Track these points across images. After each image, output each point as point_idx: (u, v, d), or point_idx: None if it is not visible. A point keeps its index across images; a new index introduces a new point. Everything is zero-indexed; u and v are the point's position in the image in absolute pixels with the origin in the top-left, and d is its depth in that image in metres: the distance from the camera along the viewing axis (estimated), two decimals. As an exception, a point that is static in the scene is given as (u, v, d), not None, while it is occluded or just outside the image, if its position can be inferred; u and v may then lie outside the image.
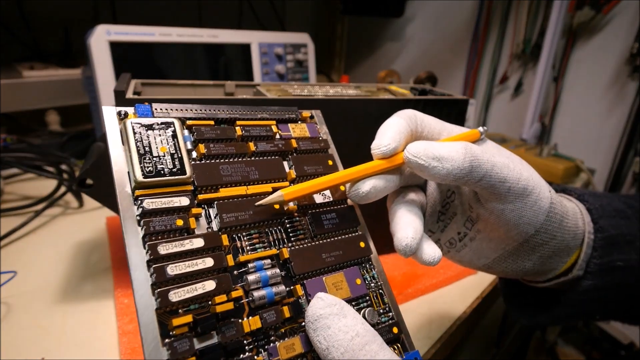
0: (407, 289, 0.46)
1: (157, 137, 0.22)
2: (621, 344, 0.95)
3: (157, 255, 0.19)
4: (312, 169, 0.26)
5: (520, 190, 0.25)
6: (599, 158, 0.94)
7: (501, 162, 0.24)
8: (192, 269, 0.19)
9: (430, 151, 0.23)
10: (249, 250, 0.22)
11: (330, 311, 0.19)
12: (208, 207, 0.22)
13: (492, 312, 0.61)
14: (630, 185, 0.90)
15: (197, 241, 0.20)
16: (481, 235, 0.28)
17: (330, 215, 0.25)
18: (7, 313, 0.41)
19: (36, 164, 0.66)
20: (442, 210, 0.30)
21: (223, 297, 0.19)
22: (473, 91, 1.12)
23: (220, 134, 0.24)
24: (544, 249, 0.27)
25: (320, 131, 0.28)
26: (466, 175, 0.23)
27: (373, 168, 0.25)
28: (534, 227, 0.26)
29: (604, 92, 0.91)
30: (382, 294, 0.24)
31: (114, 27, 0.65)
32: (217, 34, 0.76)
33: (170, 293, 0.18)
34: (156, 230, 0.19)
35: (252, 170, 0.24)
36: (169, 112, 0.24)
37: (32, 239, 0.54)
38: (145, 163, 0.21)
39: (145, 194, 0.20)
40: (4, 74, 0.76)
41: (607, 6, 0.85)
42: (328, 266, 0.23)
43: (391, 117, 0.26)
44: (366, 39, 1.34)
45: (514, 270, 0.29)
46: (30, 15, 0.88)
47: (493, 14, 1.04)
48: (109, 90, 0.65)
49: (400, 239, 0.24)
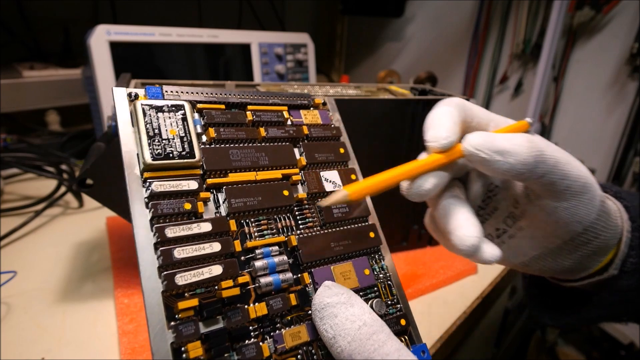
0: (407, 289, 0.46)
1: (167, 120, 0.22)
2: (621, 344, 0.95)
3: (164, 238, 0.19)
4: (324, 156, 0.25)
5: (579, 187, 0.23)
6: (599, 158, 0.94)
7: (564, 157, 0.23)
8: (199, 253, 0.19)
9: (493, 144, 0.22)
10: (257, 237, 0.22)
11: (337, 300, 0.19)
12: (216, 192, 0.22)
13: (492, 312, 0.61)
14: (630, 185, 0.90)
15: (205, 225, 0.20)
16: (523, 233, 0.27)
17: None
18: (7, 313, 0.41)
19: (36, 164, 0.66)
20: (482, 205, 0.28)
21: (229, 283, 0.19)
22: (473, 91, 1.12)
23: (230, 118, 0.24)
24: (586, 248, 0.26)
25: (333, 118, 0.28)
26: (529, 171, 0.22)
27: (432, 163, 0.23)
28: (583, 225, 0.24)
29: (604, 92, 0.91)
30: (390, 285, 0.24)
31: (114, 27, 0.65)
32: (217, 34, 0.76)
33: (176, 276, 0.18)
34: (164, 213, 0.19)
35: (262, 155, 0.23)
36: (180, 95, 0.23)
37: (32, 239, 0.54)
38: (154, 145, 0.21)
39: (154, 176, 0.20)
40: (4, 74, 0.76)
41: (607, 6, 0.85)
42: (336, 255, 0.23)
43: (440, 106, 0.24)
44: (366, 39, 1.33)
45: (552, 269, 0.28)
46: (30, 15, 0.88)
47: (493, 14, 1.04)
48: (109, 90, 0.65)
49: (463, 238, 0.22)
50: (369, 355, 0.18)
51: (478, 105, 0.26)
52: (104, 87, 0.65)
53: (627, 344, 0.94)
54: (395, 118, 0.46)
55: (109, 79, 0.65)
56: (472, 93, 1.12)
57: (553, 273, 0.29)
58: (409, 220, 0.52)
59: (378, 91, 0.51)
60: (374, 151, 0.46)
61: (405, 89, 0.52)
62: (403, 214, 0.51)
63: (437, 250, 0.54)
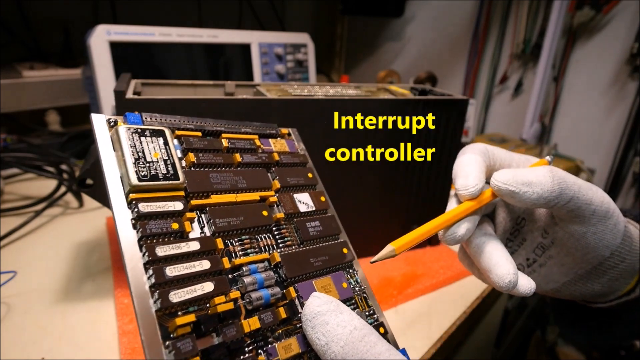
0: (407, 289, 0.46)
1: (150, 144, 0.22)
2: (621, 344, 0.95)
3: (155, 257, 0.19)
4: (295, 179, 0.27)
5: (604, 212, 0.25)
6: (599, 158, 0.94)
7: (585, 184, 0.25)
8: (190, 271, 0.19)
9: (519, 177, 0.24)
10: (241, 255, 0.22)
11: (327, 308, 0.20)
12: (200, 213, 0.22)
13: (492, 312, 0.61)
14: (630, 185, 0.90)
15: (193, 244, 0.20)
16: (553, 261, 0.29)
17: (314, 223, 0.26)
18: (7, 313, 0.41)
19: (36, 164, 0.66)
20: (510, 237, 0.30)
21: (222, 298, 0.20)
22: (473, 91, 1.12)
23: (207, 144, 0.25)
24: (614, 272, 0.27)
25: (298, 147, 0.30)
26: (556, 197, 0.24)
27: (466, 211, 0.25)
28: (610, 249, 0.26)
29: (604, 92, 0.91)
30: (365, 297, 0.25)
31: (114, 27, 0.65)
32: (217, 34, 0.76)
33: (170, 294, 0.18)
34: (152, 232, 0.20)
35: (240, 179, 0.25)
36: (160, 122, 0.25)
37: (32, 239, 0.54)
38: (139, 167, 0.21)
39: (140, 197, 0.20)
40: (4, 74, 0.76)
41: (607, 6, 0.85)
42: (316, 270, 0.24)
43: (465, 154, 0.27)
44: (366, 39, 1.33)
45: (582, 294, 0.29)
46: (30, 15, 0.88)
47: (493, 14, 1.04)
48: (109, 90, 0.65)
49: (502, 276, 0.24)
50: (362, 356, 0.18)
51: (498, 147, 0.29)
52: (104, 87, 0.65)
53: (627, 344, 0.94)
54: (395, 118, 0.46)
55: (109, 79, 0.65)
56: (472, 93, 1.12)
57: (584, 297, 0.30)
58: (409, 220, 0.52)
59: (378, 91, 0.51)
60: (373, 151, 0.46)
61: (405, 89, 0.52)
62: (403, 214, 0.51)
63: (437, 250, 0.54)
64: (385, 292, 0.45)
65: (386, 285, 0.47)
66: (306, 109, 0.42)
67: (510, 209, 0.30)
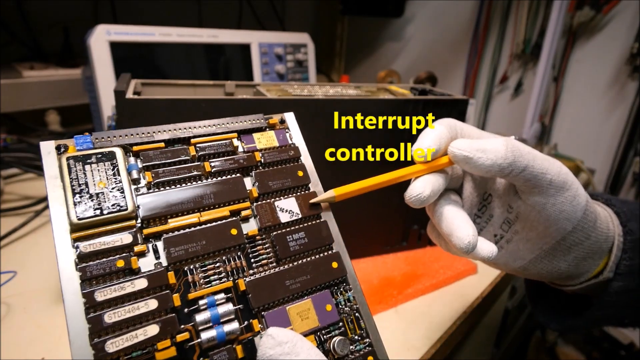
0: (407, 289, 0.46)
1: (95, 172, 0.21)
2: (621, 344, 0.95)
3: (93, 302, 0.18)
4: (279, 183, 0.24)
5: (561, 183, 0.25)
6: (599, 158, 0.94)
7: (541, 155, 0.25)
8: (132, 314, 0.18)
9: (474, 145, 0.25)
10: (203, 284, 0.20)
11: (281, 351, 0.18)
12: (156, 241, 0.20)
13: (492, 312, 0.61)
14: (630, 185, 0.90)
15: (140, 282, 0.19)
16: (518, 237, 0.29)
17: (298, 235, 0.23)
18: (7, 313, 0.41)
19: (36, 164, 0.66)
20: (478, 213, 0.31)
21: (167, 342, 0.18)
22: (473, 91, 1.11)
23: (171, 156, 0.22)
24: (579, 249, 0.28)
25: (293, 137, 0.26)
26: (510, 165, 0.24)
27: (416, 172, 0.26)
28: (572, 223, 0.26)
29: (604, 92, 0.91)
30: (358, 318, 0.22)
31: (114, 27, 0.65)
32: (217, 34, 0.76)
33: (107, 343, 0.17)
34: (93, 274, 0.18)
35: (207, 193, 0.22)
36: (112, 141, 0.22)
37: (32, 239, 0.54)
38: (81, 202, 0.19)
39: (82, 236, 0.19)
40: (4, 74, 0.76)
41: (607, 6, 0.85)
42: (292, 294, 0.21)
43: (433, 124, 0.28)
44: (366, 39, 1.33)
45: (549, 272, 0.29)
46: (30, 15, 0.88)
47: (493, 14, 1.04)
48: (109, 90, 0.65)
49: (461, 237, 0.25)
50: None
51: (470, 125, 0.29)
52: (104, 87, 0.65)
53: (627, 344, 0.94)
54: (395, 118, 0.46)
55: (109, 79, 0.65)
56: (472, 93, 1.12)
57: (551, 278, 0.30)
58: (409, 220, 0.52)
59: (378, 91, 0.51)
60: (373, 151, 0.46)
61: (405, 89, 0.52)
62: (403, 214, 0.51)
63: (437, 250, 0.54)
64: (385, 292, 0.45)
65: (386, 285, 0.47)
66: (306, 109, 0.42)
67: (477, 184, 0.30)
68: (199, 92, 0.47)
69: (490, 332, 0.71)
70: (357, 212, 0.48)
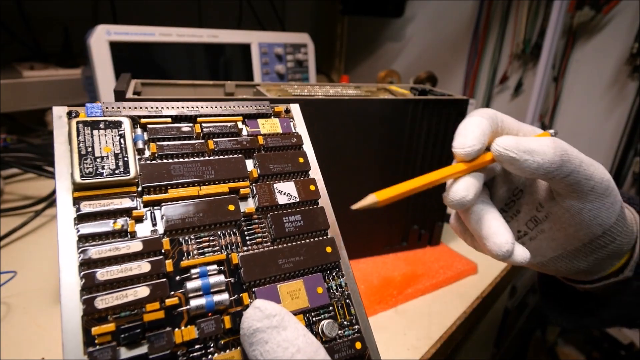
0: (407, 289, 0.46)
1: (103, 137, 0.21)
2: (621, 344, 0.95)
3: (88, 259, 0.18)
4: (279, 167, 0.24)
5: (603, 189, 0.24)
6: (599, 158, 0.93)
7: (588, 159, 0.24)
8: (125, 275, 0.18)
9: (522, 145, 0.23)
10: (197, 255, 0.21)
11: (268, 323, 0.18)
12: (155, 209, 0.21)
13: (492, 312, 0.61)
14: (630, 185, 0.90)
15: (135, 245, 0.19)
16: (543, 235, 0.28)
17: (294, 217, 0.23)
18: (7, 313, 0.41)
19: (36, 164, 0.66)
20: (505, 207, 0.30)
21: (156, 305, 0.18)
22: (473, 91, 1.12)
23: (176, 132, 0.23)
24: (603, 251, 0.27)
25: (297, 126, 0.27)
26: (556, 169, 0.23)
27: (459, 172, 0.24)
28: (603, 228, 0.26)
29: (604, 92, 0.91)
30: (348, 304, 0.23)
31: (114, 27, 0.65)
32: (217, 34, 0.76)
33: (97, 299, 0.17)
34: (90, 233, 0.19)
35: (208, 169, 0.22)
36: (121, 111, 0.23)
37: (32, 239, 0.54)
38: (85, 164, 0.20)
39: (84, 195, 0.19)
40: (4, 74, 0.76)
41: (607, 6, 0.85)
42: (284, 273, 0.21)
43: (472, 116, 0.26)
44: (366, 39, 1.33)
45: (567, 270, 0.29)
46: (30, 15, 0.88)
47: (493, 14, 1.04)
48: (109, 90, 0.65)
49: (500, 245, 0.24)
50: None
51: (508, 116, 0.27)
52: (104, 87, 0.65)
53: (627, 344, 0.94)
54: (395, 118, 0.46)
55: (109, 79, 0.65)
56: (472, 93, 1.12)
57: (568, 274, 0.30)
58: (409, 220, 0.52)
59: (378, 91, 0.51)
60: (374, 151, 0.46)
61: (405, 89, 0.52)
62: (403, 214, 0.51)
63: (437, 250, 0.54)
64: (385, 292, 0.45)
65: (386, 285, 0.47)
66: (306, 109, 0.41)
67: (509, 179, 0.29)
68: (199, 92, 0.47)
69: (490, 332, 0.71)
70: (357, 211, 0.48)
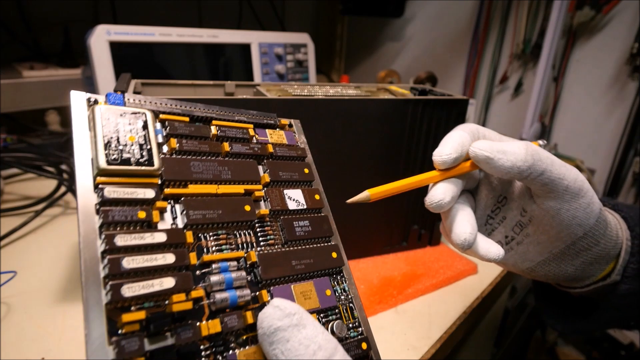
0: (407, 289, 0.46)
1: (127, 126, 0.21)
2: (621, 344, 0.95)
3: (113, 246, 0.17)
4: (288, 174, 0.25)
5: (577, 189, 0.26)
6: (599, 158, 0.94)
7: (559, 161, 0.26)
8: (150, 264, 0.18)
9: (496, 146, 0.26)
10: (215, 251, 0.21)
11: (289, 322, 0.18)
12: (174, 203, 0.21)
13: (492, 312, 0.61)
14: (630, 185, 0.90)
15: (159, 235, 0.19)
16: (529, 239, 0.29)
17: (303, 222, 0.24)
18: (7, 313, 0.41)
19: (36, 164, 0.65)
20: (491, 214, 0.31)
21: (182, 296, 0.18)
22: (473, 91, 1.11)
23: (194, 131, 0.23)
24: (587, 255, 0.28)
25: (298, 140, 0.28)
26: (529, 168, 0.25)
27: (436, 177, 0.27)
28: (584, 229, 0.27)
29: (604, 92, 0.91)
30: (352, 308, 0.23)
31: (114, 27, 0.65)
32: (217, 34, 0.76)
33: (123, 287, 0.17)
34: (115, 220, 0.18)
35: (225, 170, 0.23)
36: (143, 104, 0.23)
37: (32, 239, 0.54)
38: (110, 150, 0.20)
39: (107, 182, 0.19)
40: (4, 74, 0.76)
41: (607, 6, 0.85)
42: (297, 274, 0.22)
43: (455, 130, 0.28)
44: (366, 39, 1.33)
45: (556, 275, 0.30)
46: (30, 15, 0.88)
47: (493, 14, 1.04)
48: (109, 90, 0.65)
49: (458, 234, 0.26)
50: None
51: (490, 130, 0.30)
52: (104, 87, 0.65)
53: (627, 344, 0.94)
54: (395, 118, 0.46)
55: (109, 79, 0.65)
56: (472, 93, 1.12)
57: (558, 279, 0.31)
58: (409, 220, 0.52)
59: (378, 91, 0.51)
60: (373, 151, 0.46)
61: (405, 89, 0.52)
62: (403, 214, 0.51)
63: (437, 250, 0.54)
64: (385, 292, 0.45)
65: (386, 285, 0.47)
66: (306, 109, 0.42)
67: (492, 187, 0.31)
68: (199, 92, 0.47)
69: (490, 332, 0.71)
70: (357, 212, 0.48)
